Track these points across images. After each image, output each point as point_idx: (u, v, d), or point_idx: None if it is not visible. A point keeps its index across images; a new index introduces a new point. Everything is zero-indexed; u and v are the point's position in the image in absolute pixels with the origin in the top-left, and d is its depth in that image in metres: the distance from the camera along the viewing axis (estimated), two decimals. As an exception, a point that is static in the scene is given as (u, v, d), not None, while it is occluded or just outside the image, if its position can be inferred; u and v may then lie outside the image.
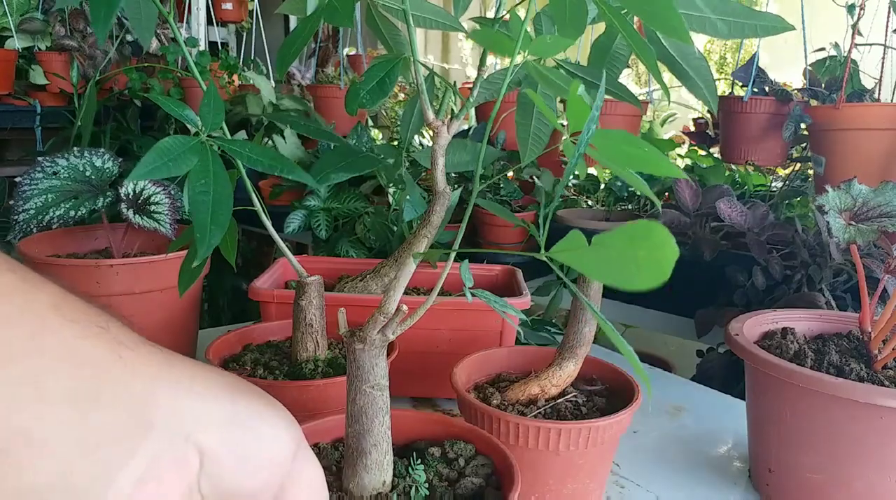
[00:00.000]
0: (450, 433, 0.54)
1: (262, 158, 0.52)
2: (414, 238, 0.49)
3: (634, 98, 0.69)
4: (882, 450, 0.58)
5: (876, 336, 0.67)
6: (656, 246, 0.26)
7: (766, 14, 0.55)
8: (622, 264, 0.27)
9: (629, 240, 0.27)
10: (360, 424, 0.46)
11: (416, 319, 0.45)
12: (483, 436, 0.53)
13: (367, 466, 0.46)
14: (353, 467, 0.46)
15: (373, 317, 0.45)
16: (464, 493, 0.48)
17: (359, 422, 0.46)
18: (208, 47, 3.02)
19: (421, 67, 0.63)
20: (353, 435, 0.46)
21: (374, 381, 0.45)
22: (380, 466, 0.46)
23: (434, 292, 0.44)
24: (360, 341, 0.45)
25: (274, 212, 0.71)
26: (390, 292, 0.45)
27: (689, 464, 0.76)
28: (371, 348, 0.45)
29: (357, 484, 0.46)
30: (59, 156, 0.94)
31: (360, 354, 0.45)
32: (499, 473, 0.51)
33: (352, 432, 0.46)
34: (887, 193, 0.75)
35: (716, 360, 1.12)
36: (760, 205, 1.13)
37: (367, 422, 0.46)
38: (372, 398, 0.45)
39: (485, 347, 0.72)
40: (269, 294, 0.82)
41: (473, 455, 0.52)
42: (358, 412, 0.45)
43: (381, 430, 0.46)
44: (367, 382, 0.45)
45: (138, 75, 2.15)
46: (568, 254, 0.30)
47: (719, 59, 2.59)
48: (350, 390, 0.46)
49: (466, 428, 0.54)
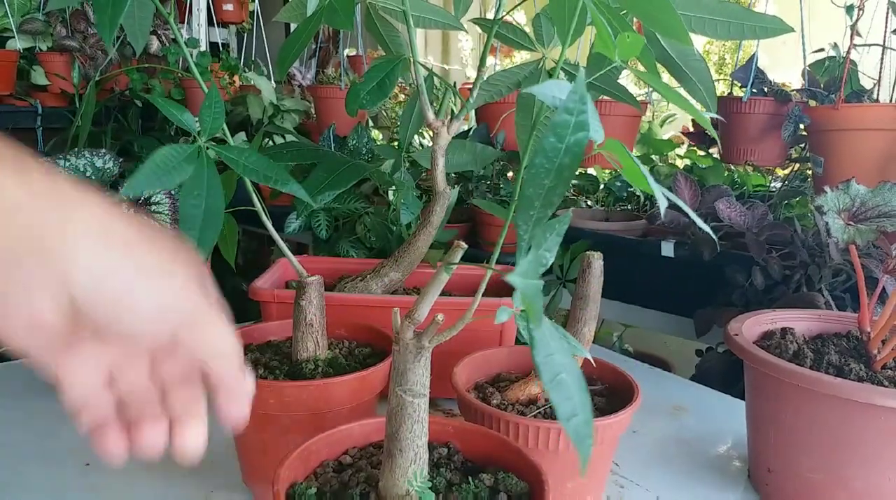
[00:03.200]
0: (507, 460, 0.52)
1: (257, 167, 0.52)
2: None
3: (633, 99, 0.69)
4: (881, 450, 0.58)
5: (875, 336, 0.67)
6: None
7: (765, 16, 0.55)
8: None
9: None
10: (390, 426, 0.46)
11: (453, 333, 0.44)
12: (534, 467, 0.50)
13: (392, 469, 0.47)
14: (384, 466, 0.47)
15: (405, 320, 0.45)
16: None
17: (390, 424, 0.46)
18: (209, 48, 3.02)
19: (421, 68, 0.63)
20: (387, 436, 0.47)
21: (406, 386, 0.45)
22: (404, 472, 0.47)
23: (475, 299, 0.44)
24: (395, 341, 0.45)
25: (274, 212, 0.71)
26: (421, 301, 0.44)
27: (689, 464, 0.76)
28: (405, 351, 0.45)
29: (383, 485, 0.47)
30: (60, 156, 0.94)
31: (395, 355, 0.45)
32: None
33: (387, 432, 0.47)
34: (885, 193, 0.75)
35: (715, 360, 1.12)
36: (759, 205, 1.13)
37: (395, 425, 0.46)
38: (402, 403, 0.46)
39: (485, 347, 0.72)
40: (270, 294, 0.82)
41: (505, 472, 0.51)
42: (389, 414, 0.46)
43: (408, 436, 0.46)
44: (399, 385, 0.45)
45: (139, 76, 2.15)
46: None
47: (718, 59, 2.59)
48: (390, 389, 0.46)
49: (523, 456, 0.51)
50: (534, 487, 0.49)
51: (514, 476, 0.50)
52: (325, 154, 0.83)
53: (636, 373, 0.67)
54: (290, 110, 2.20)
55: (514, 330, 0.85)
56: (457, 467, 0.52)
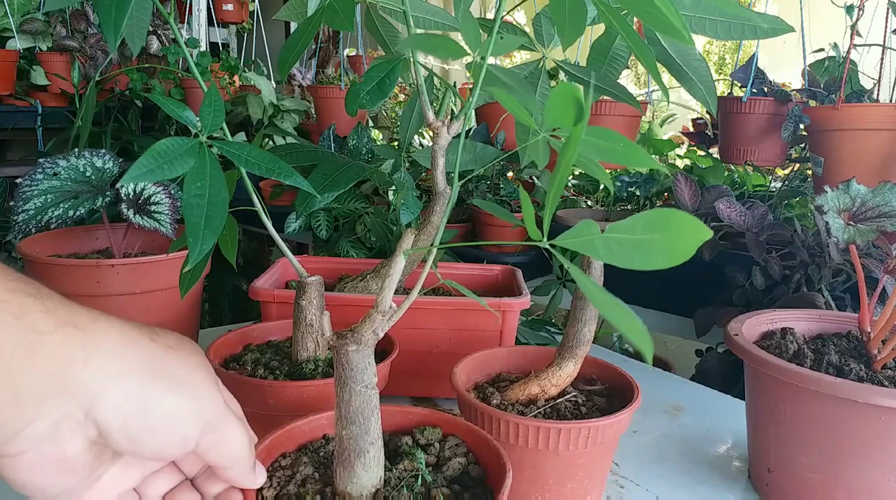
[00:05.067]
0: (419, 422, 0.55)
1: (260, 161, 0.52)
2: (405, 235, 0.49)
3: (633, 99, 0.69)
4: (881, 450, 0.58)
5: (875, 336, 0.67)
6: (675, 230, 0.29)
7: (765, 15, 0.55)
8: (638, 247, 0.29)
9: (646, 226, 0.30)
10: (356, 425, 0.46)
11: (401, 313, 0.45)
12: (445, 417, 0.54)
13: (366, 464, 0.46)
14: (351, 468, 0.46)
15: (369, 316, 0.45)
16: (452, 475, 0.50)
17: (355, 423, 0.46)
18: (209, 48, 3.02)
19: (420, 68, 0.63)
20: (350, 437, 0.46)
21: (367, 380, 0.46)
22: (378, 462, 0.47)
23: (415, 289, 0.44)
24: (354, 342, 0.45)
25: (274, 212, 0.71)
26: (384, 290, 0.45)
27: (689, 464, 0.76)
28: (365, 347, 0.45)
29: (356, 484, 0.46)
30: (60, 156, 0.94)
31: (353, 355, 0.45)
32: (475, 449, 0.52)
33: (347, 434, 0.46)
34: (886, 193, 0.76)
35: (715, 360, 1.12)
36: (759, 205, 1.13)
37: (365, 422, 0.46)
38: (367, 398, 0.46)
39: (485, 347, 0.72)
40: (270, 294, 0.82)
41: (443, 438, 0.53)
42: (354, 414, 0.46)
43: (377, 427, 0.46)
44: (361, 382, 0.45)
45: (139, 76, 2.15)
46: (577, 241, 0.31)
47: (718, 59, 2.59)
48: (343, 391, 0.46)
49: (429, 414, 0.55)
50: (495, 472, 0.50)
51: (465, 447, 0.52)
52: (325, 155, 0.83)
53: (636, 373, 0.67)
54: (290, 110, 2.20)
55: (514, 330, 0.85)
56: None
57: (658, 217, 0.29)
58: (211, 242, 0.48)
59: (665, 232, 0.29)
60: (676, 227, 0.29)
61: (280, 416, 0.61)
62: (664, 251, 0.29)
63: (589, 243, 0.31)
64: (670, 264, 0.29)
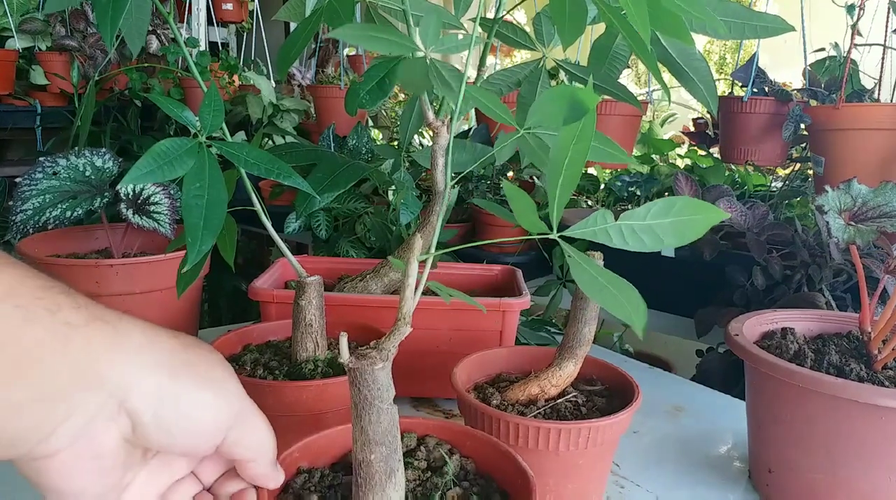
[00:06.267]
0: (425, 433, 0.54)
1: (259, 161, 0.52)
2: (412, 238, 0.49)
3: (634, 98, 0.69)
4: (882, 450, 0.58)
5: (876, 336, 0.67)
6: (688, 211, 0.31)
7: (766, 15, 0.55)
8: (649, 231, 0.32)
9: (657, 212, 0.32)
10: (385, 446, 0.43)
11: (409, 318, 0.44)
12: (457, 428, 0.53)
13: (396, 484, 0.44)
14: (382, 490, 0.43)
15: (396, 329, 0.42)
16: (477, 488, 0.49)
17: (384, 444, 0.43)
18: (209, 48, 3.02)
19: (421, 68, 0.62)
20: (380, 459, 0.43)
21: (390, 396, 0.43)
22: (403, 478, 0.45)
23: (417, 291, 0.43)
24: (381, 360, 0.42)
25: (274, 212, 0.71)
26: (406, 299, 0.42)
27: (689, 464, 0.76)
28: (389, 362, 0.42)
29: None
30: (60, 156, 0.94)
31: (379, 373, 0.42)
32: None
33: (377, 457, 0.43)
34: (887, 193, 0.75)
35: (715, 360, 1.12)
36: (760, 205, 1.13)
37: (393, 441, 0.43)
38: (393, 416, 0.43)
39: (485, 347, 0.72)
40: (269, 294, 0.82)
41: (450, 450, 0.52)
42: (383, 434, 0.42)
43: (400, 444, 0.44)
44: (387, 400, 0.42)
45: (139, 75, 2.15)
46: (589, 230, 0.32)
47: (719, 59, 2.59)
48: (369, 413, 0.42)
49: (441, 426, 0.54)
50: (520, 491, 0.48)
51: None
52: (324, 155, 0.83)
53: (636, 373, 0.67)
54: (289, 110, 2.20)
55: (514, 330, 0.85)
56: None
57: (670, 203, 0.31)
58: (209, 243, 0.48)
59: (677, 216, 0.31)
60: (690, 210, 0.30)
61: (280, 416, 0.61)
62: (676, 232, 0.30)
63: (602, 232, 0.32)
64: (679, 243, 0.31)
